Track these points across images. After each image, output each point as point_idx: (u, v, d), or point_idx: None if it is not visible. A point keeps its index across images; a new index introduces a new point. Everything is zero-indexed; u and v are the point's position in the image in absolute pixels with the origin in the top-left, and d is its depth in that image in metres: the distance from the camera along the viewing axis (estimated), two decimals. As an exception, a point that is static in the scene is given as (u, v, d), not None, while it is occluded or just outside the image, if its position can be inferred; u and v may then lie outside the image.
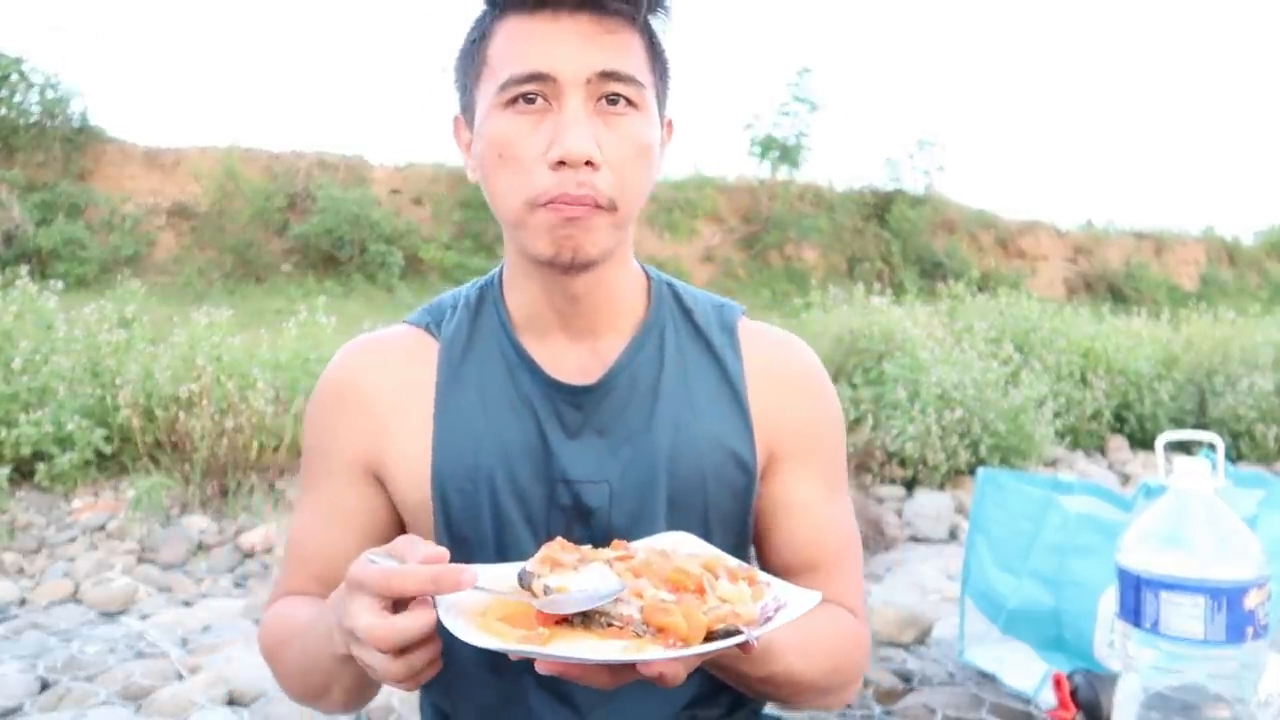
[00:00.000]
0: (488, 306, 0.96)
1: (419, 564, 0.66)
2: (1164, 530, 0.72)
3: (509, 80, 0.82)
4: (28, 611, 3.50)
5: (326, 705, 0.87)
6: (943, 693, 2.82)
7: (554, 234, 0.83)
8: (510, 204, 0.84)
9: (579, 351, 0.93)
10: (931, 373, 5.78)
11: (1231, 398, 7.27)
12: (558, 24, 0.82)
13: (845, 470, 1.01)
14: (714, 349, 0.96)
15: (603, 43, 0.83)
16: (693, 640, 0.64)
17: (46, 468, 4.59)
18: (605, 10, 0.83)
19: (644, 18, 0.86)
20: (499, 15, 0.86)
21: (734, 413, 0.94)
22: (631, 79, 0.83)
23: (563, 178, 0.81)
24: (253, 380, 4.99)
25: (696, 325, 0.97)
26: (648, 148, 0.85)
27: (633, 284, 0.95)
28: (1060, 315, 8.27)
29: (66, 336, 5.25)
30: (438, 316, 0.97)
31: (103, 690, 2.75)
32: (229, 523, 4.49)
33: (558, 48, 0.82)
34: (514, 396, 0.91)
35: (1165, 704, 0.70)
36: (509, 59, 0.83)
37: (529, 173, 0.82)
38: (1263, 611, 0.69)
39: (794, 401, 0.96)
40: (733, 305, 1.01)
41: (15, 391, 4.70)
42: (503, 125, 0.83)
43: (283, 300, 8.93)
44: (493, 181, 0.85)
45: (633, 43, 0.85)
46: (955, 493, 5.43)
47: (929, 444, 5.43)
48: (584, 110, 0.82)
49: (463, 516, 0.89)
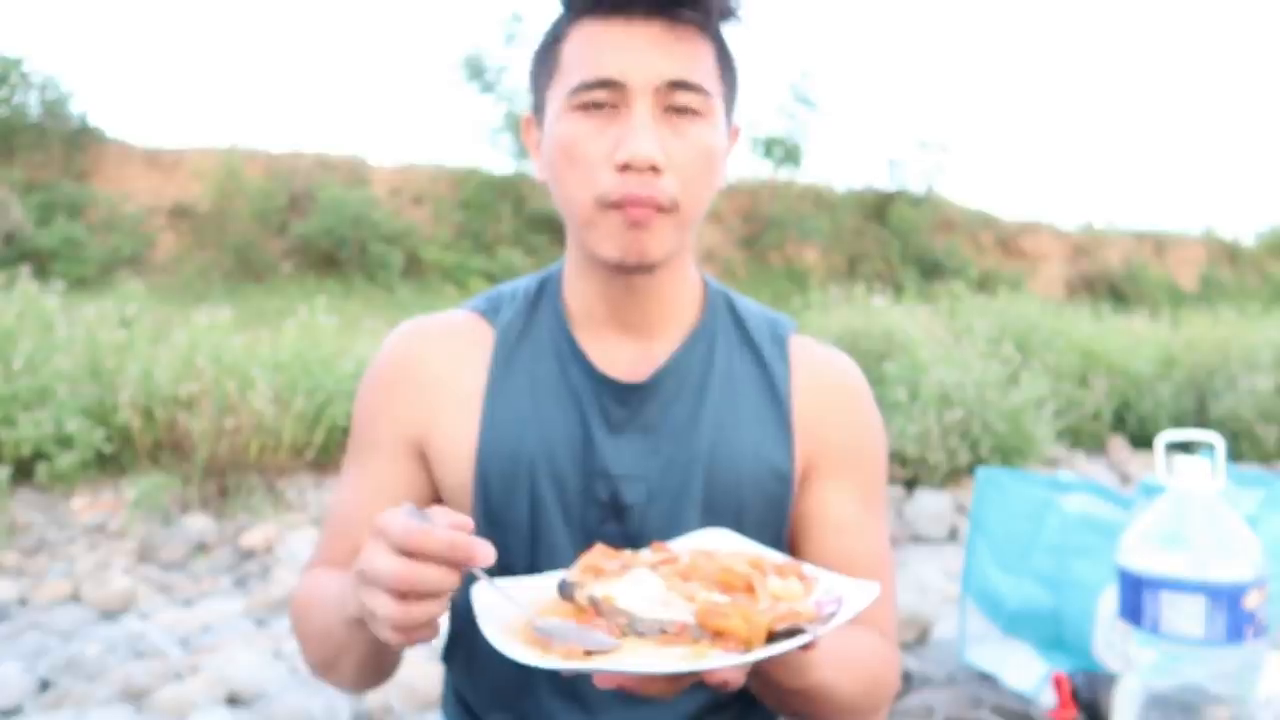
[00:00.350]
0: (546, 299, 0.98)
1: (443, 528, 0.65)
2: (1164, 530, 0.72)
3: (580, 85, 0.84)
4: (28, 611, 3.50)
5: (336, 677, 0.88)
6: (943, 693, 2.81)
7: (622, 238, 0.85)
8: (578, 203, 0.86)
9: (631, 350, 0.95)
10: (931, 373, 5.78)
11: (1231, 398, 7.27)
12: (630, 30, 0.84)
13: (884, 492, 1.00)
14: (763, 359, 0.97)
15: (673, 50, 0.84)
16: (754, 643, 0.61)
17: (46, 468, 4.60)
18: (678, 17, 0.84)
19: (715, 25, 0.88)
20: (573, 18, 0.87)
21: (776, 422, 0.95)
22: (699, 88, 0.85)
23: (627, 179, 0.83)
24: (253, 380, 4.99)
25: (748, 334, 0.99)
26: (712, 154, 0.87)
27: (689, 289, 0.97)
28: (1060, 315, 8.27)
29: (67, 337, 5.25)
30: (495, 305, 0.99)
31: (103, 690, 2.75)
32: (229, 523, 4.49)
33: (629, 54, 0.83)
34: (562, 389, 0.93)
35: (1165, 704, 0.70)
36: (581, 63, 0.85)
37: (595, 173, 0.84)
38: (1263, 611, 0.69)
39: (837, 416, 0.97)
40: (786, 320, 1.02)
41: (16, 391, 4.70)
42: (571, 127, 0.85)
43: (283, 300, 8.93)
44: (560, 182, 0.87)
45: (703, 50, 0.86)
46: (955, 493, 5.43)
47: (929, 444, 5.43)
48: (651, 116, 0.84)
49: (501, 500, 0.90)
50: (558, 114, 0.86)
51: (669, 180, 0.84)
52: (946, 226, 13.82)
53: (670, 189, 0.84)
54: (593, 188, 0.84)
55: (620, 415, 0.92)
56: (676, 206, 0.85)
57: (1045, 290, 12.65)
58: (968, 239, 13.89)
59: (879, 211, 13.20)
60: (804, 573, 0.70)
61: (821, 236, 12.50)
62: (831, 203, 13.10)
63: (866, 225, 13.10)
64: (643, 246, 0.85)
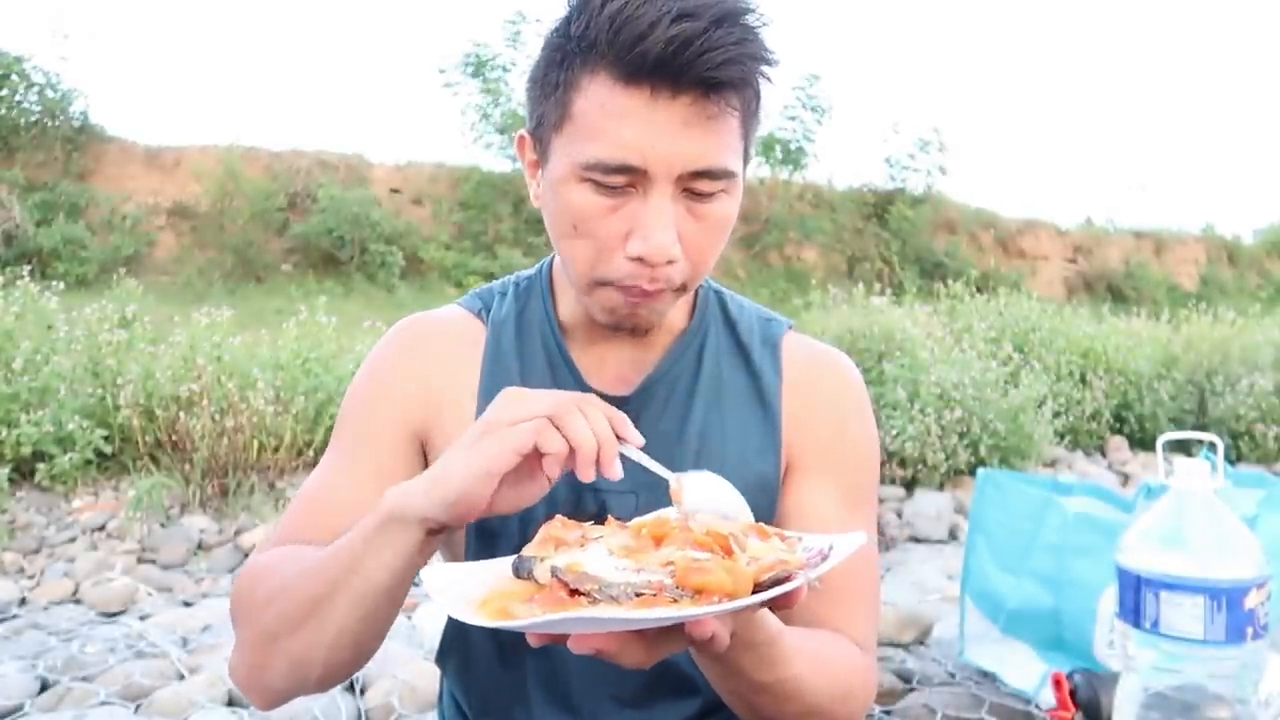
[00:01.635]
0: (535, 301, 0.97)
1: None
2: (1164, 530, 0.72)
3: (597, 164, 0.77)
4: (28, 611, 3.50)
5: (307, 635, 0.76)
6: (943, 693, 2.82)
7: (617, 310, 0.84)
8: (579, 274, 0.84)
9: (619, 359, 0.94)
10: (931, 373, 5.78)
11: (1231, 398, 7.27)
12: (654, 109, 0.76)
13: (873, 495, 0.97)
14: (752, 363, 0.96)
15: (700, 133, 0.77)
16: (740, 594, 0.57)
17: (46, 468, 4.60)
18: (709, 94, 0.76)
19: (747, 92, 0.80)
20: (588, 67, 0.78)
21: (763, 430, 0.94)
22: (724, 173, 0.79)
23: (638, 270, 0.80)
24: (253, 380, 4.99)
25: (738, 337, 0.97)
26: (728, 224, 0.84)
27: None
28: (1060, 315, 8.27)
29: (67, 336, 5.26)
30: (487, 302, 0.98)
31: (103, 690, 2.75)
32: (229, 523, 4.49)
33: (652, 138, 0.76)
34: None
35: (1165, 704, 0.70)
36: (598, 135, 0.77)
37: (604, 253, 0.80)
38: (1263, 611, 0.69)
39: (824, 414, 0.95)
40: (780, 320, 1.00)
41: (16, 391, 4.70)
42: (582, 199, 0.79)
43: (283, 300, 8.92)
44: (564, 246, 0.84)
45: (731, 126, 0.79)
46: (955, 493, 5.43)
47: (929, 444, 5.43)
48: (669, 203, 0.78)
49: None
50: (565, 175, 0.80)
51: (680, 267, 0.81)
52: (946, 226, 13.81)
53: (680, 275, 0.81)
54: (599, 267, 0.81)
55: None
56: (685, 287, 0.84)
57: (1045, 290, 12.65)
58: (968, 239, 13.88)
59: (879, 211, 13.19)
60: (786, 535, 0.68)
61: (822, 237, 12.50)
62: (831, 202, 13.09)
63: (866, 225, 13.09)
64: (637, 320, 0.85)
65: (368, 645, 0.79)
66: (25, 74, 10.30)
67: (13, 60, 10.18)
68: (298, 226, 10.44)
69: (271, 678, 0.79)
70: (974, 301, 8.33)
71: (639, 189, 0.78)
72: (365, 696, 2.72)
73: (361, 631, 0.76)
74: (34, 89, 10.38)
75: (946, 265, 12.63)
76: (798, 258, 12.57)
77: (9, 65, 10.15)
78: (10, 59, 10.17)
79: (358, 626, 0.75)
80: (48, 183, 9.95)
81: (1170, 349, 8.18)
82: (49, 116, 10.31)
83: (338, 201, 10.35)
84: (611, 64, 0.76)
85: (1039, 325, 7.68)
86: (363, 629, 0.76)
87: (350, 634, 0.76)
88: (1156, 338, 8.46)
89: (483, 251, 10.71)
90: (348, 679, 0.83)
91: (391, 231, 10.56)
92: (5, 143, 10.09)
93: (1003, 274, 12.87)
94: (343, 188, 10.75)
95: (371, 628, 0.77)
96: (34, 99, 10.38)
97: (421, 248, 10.66)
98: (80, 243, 9.24)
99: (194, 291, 9.27)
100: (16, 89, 10.31)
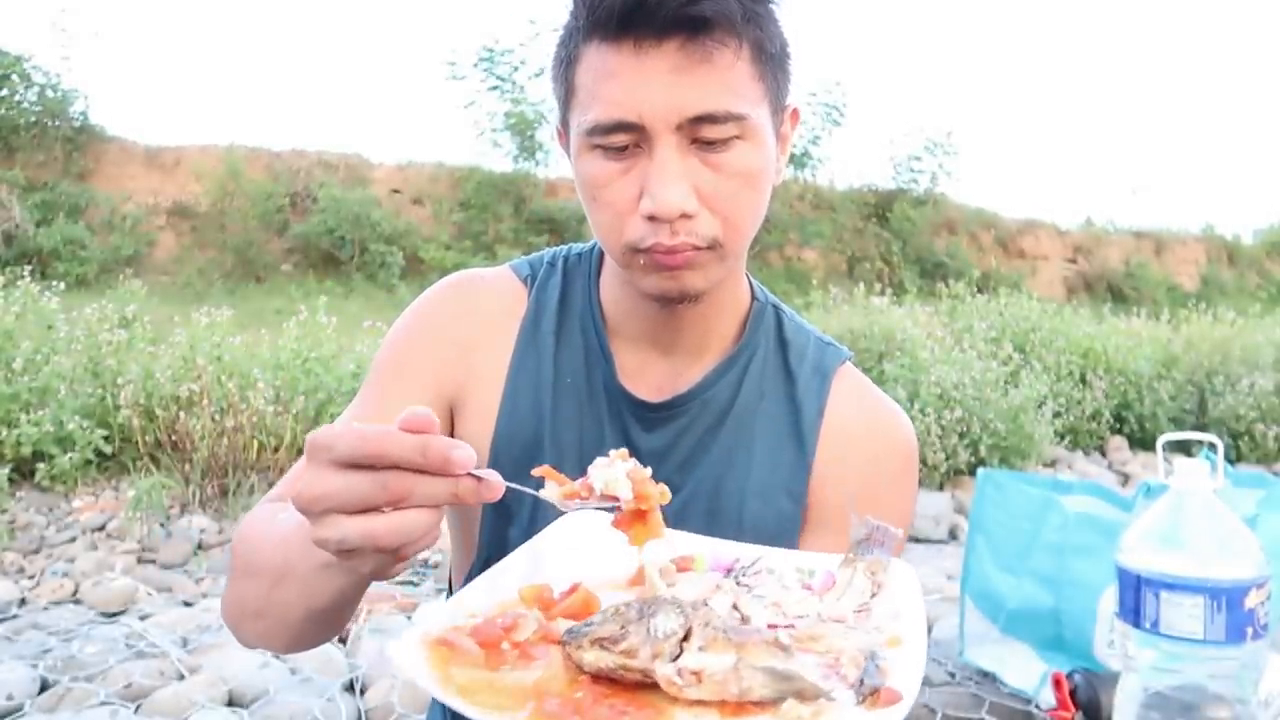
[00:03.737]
0: (580, 282, 0.93)
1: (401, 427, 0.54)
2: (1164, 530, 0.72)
3: (595, 127, 0.76)
4: (28, 611, 3.49)
5: (270, 609, 0.72)
6: (943, 693, 2.82)
7: (659, 277, 0.79)
8: (609, 245, 0.82)
9: (661, 367, 0.90)
10: (931, 373, 5.79)
11: (1231, 398, 7.28)
12: (642, 60, 0.74)
13: None
14: (796, 392, 0.90)
15: (695, 78, 0.74)
16: None
17: (46, 468, 4.60)
18: (695, 34, 0.73)
19: (744, 24, 0.75)
20: (585, 38, 0.78)
21: (794, 464, 0.89)
22: (728, 116, 0.75)
23: (657, 229, 0.77)
24: (253, 380, 4.99)
25: (788, 361, 0.92)
26: (756, 175, 0.79)
27: (734, 309, 0.91)
28: (1060, 315, 8.27)
29: (67, 336, 5.26)
30: (536, 269, 0.95)
31: (103, 690, 2.75)
32: (229, 523, 4.49)
33: (644, 90, 0.74)
34: (584, 393, 0.89)
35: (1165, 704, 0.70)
36: (594, 99, 0.76)
37: (622, 218, 0.78)
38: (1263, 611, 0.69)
39: (861, 471, 0.88)
40: (840, 349, 0.95)
41: (16, 391, 4.70)
42: (593, 168, 0.78)
43: (283, 300, 8.93)
44: (591, 220, 0.82)
45: (732, 64, 0.75)
46: (955, 493, 5.43)
47: (929, 444, 5.43)
48: (676, 156, 0.75)
49: (510, 489, 0.88)
50: (578, 148, 0.80)
51: (706, 222, 0.77)
52: (947, 226, 13.81)
53: (707, 230, 0.77)
54: (621, 234, 0.79)
55: (636, 433, 0.87)
56: (718, 244, 0.78)
57: (1045, 290, 12.65)
58: (968, 239, 13.88)
59: (879, 211, 13.19)
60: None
61: (823, 240, 12.49)
62: (832, 202, 13.09)
63: (867, 225, 13.09)
64: (683, 285, 0.79)
65: (332, 623, 0.74)
66: (25, 74, 10.30)
67: (13, 60, 10.18)
68: (298, 226, 10.45)
69: (245, 635, 0.78)
70: (974, 302, 8.34)
71: (644, 148, 0.76)
72: (365, 697, 2.72)
73: (320, 616, 0.71)
74: (34, 89, 10.39)
75: (947, 265, 12.63)
76: (798, 258, 12.57)
77: (9, 65, 10.15)
78: (10, 59, 10.17)
79: (311, 615, 0.70)
80: (48, 183, 9.96)
81: (1170, 349, 8.18)
82: (49, 116, 10.31)
83: (338, 201, 10.35)
84: (595, 27, 0.75)
85: (1039, 325, 7.69)
86: (319, 616, 0.71)
87: (305, 616, 0.70)
88: (1156, 338, 8.46)
89: (483, 252, 10.71)
90: (321, 644, 0.78)
91: (392, 231, 10.57)
92: (5, 143, 10.09)
93: (1003, 274, 12.87)
94: (343, 188, 10.76)
95: (329, 614, 0.71)
96: (34, 99, 10.38)
97: (422, 248, 10.66)
98: (80, 243, 9.25)
99: (194, 291, 9.27)
100: (16, 89, 10.31)
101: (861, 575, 0.69)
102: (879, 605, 0.66)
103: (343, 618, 0.74)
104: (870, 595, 0.67)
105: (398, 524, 0.54)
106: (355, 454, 0.53)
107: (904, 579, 0.67)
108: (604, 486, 0.63)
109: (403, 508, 0.53)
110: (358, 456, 0.53)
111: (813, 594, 0.69)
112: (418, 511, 0.54)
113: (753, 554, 0.75)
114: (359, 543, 0.53)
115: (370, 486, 0.53)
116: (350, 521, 0.53)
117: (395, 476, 0.53)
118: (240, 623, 0.78)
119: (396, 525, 0.53)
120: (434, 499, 0.54)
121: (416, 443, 0.53)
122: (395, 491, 0.53)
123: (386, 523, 0.53)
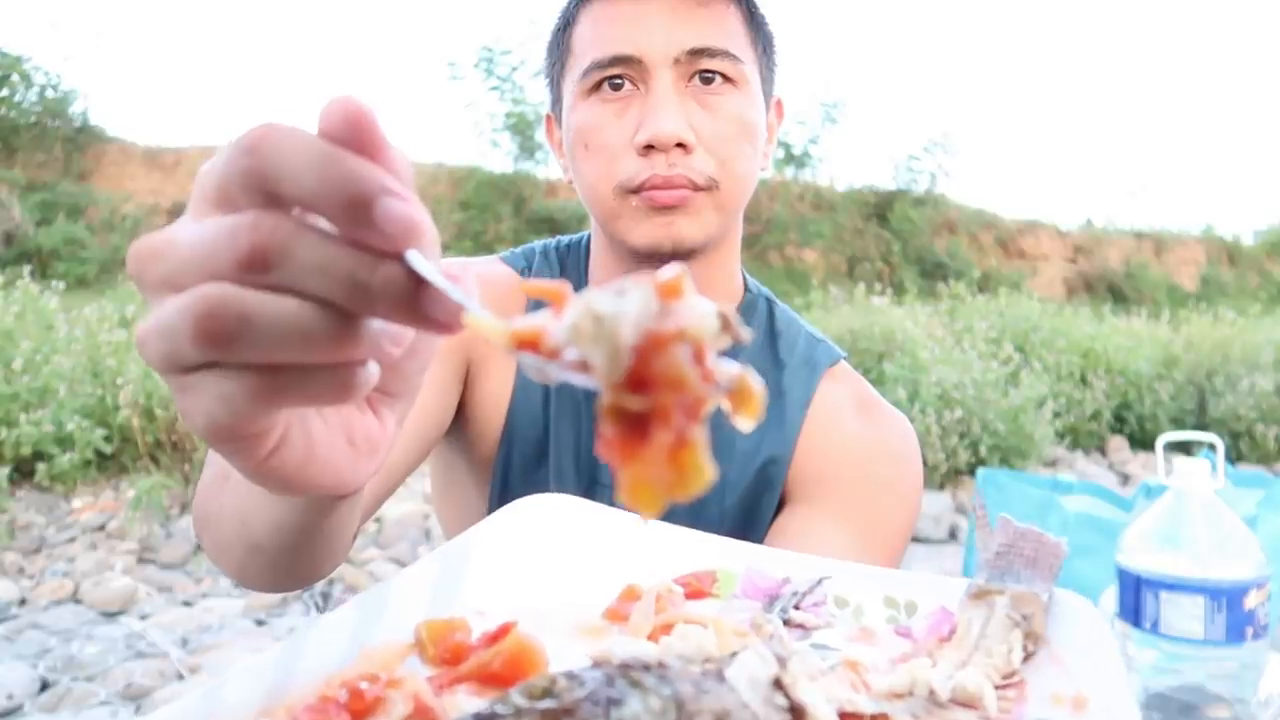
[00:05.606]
0: (572, 275, 0.92)
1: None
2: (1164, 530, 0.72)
3: (592, 65, 0.77)
4: (28, 611, 3.49)
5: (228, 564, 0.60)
6: (943, 693, 2.82)
7: (651, 225, 0.77)
8: (599, 192, 0.79)
9: None
10: (931, 373, 5.79)
11: (1231, 398, 7.27)
12: (641, 4, 0.76)
13: (896, 551, 0.84)
14: (783, 379, 0.88)
15: (694, 17, 0.76)
16: None
17: (46, 468, 4.59)
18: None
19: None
20: (581, 2, 0.80)
21: (776, 438, 0.87)
22: (726, 53, 0.77)
23: (653, 161, 0.75)
24: (253, 380, 4.99)
25: (777, 351, 0.91)
26: (750, 126, 0.79)
27: (727, 296, 0.89)
28: (1060, 315, 8.28)
29: (67, 336, 5.25)
30: (530, 260, 0.93)
31: (103, 690, 2.75)
32: (229, 523, 4.49)
33: (643, 26, 0.76)
34: (579, 388, 0.87)
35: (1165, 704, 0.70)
36: (593, 44, 0.78)
37: (615, 159, 0.77)
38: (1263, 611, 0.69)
39: (855, 474, 0.85)
40: (832, 347, 0.93)
41: (16, 391, 4.70)
42: (587, 113, 0.78)
43: (283, 300, 8.93)
44: (580, 172, 0.80)
45: (727, 14, 0.78)
46: (955, 493, 5.44)
47: (929, 444, 5.43)
48: (674, 90, 0.76)
49: (519, 476, 0.87)
50: (573, 102, 0.80)
51: (701, 158, 0.76)
52: (947, 227, 13.81)
53: (704, 167, 0.76)
54: (614, 175, 0.77)
55: None
56: (715, 184, 0.77)
57: (1045, 290, 12.65)
58: (968, 239, 13.88)
59: (880, 211, 13.19)
60: None
61: (823, 240, 12.50)
62: (832, 203, 13.09)
63: (867, 225, 13.10)
64: (677, 231, 0.77)
65: (295, 563, 0.56)
66: (25, 74, 10.30)
67: (13, 60, 10.19)
68: (298, 226, 10.46)
69: (228, 574, 0.64)
70: (974, 302, 8.34)
71: (640, 88, 0.77)
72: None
73: (265, 551, 0.54)
74: (34, 89, 10.39)
75: (947, 266, 12.63)
76: (798, 258, 12.57)
77: (9, 65, 10.15)
78: (11, 59, 10.17)
79: (253, 549, 0.55)
80: (48, 183, 9.95)
81: (1170, 349, 8.18)
82: (49, 116, 10.32)
83: (338, 202, 10.36)
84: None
85: (1039, 325, 7.69)
86: (266, 551, 0.54)
87: (248, 551, 0.56)
88: (1156, 338, 8.46)
89: (483, 252, 10.70)
90: (307, 579, 0.60)
91: (391, 231, 10.57)
92: (5, 143, 10.09)
93: (1003, 274, 12.87)
94: (343, 188, 10.77)
95: (276, 551, 0.54)
96: (34, 99, 10.38)
97: (421, 248, 10.67)
98: (80, 243, 9.24)
99: (194, 291, 9.28)
100: (16, 89, 10.31)
101: (1002, 618, 0.42)
102: (1037, 674, 0.39)
103: (309, 554, 0.55)
104: (1022, 655, 0.41)
105: (237, 305, 0.29)
106: (228, 180, 0.31)
107: (1085, 628, 0.39)
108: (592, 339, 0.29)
109: (266, 284, 0.29)
110: (231, 181, 0.31)
111: (914, 644, 0.44)
112: (288, 300, 0.29)
113: (812, 571, 0.49)
114: (174, 322, 0.30)
115: (217, 233, 0.30)
116: (175, 298, 0.30)
117: (261, 219, 0.29)
118: (219, 570, 0.67)
119: (235, 306, 0.29)
120: (323, 276, 0.29)
121: (316, 153, 0.29)
122: (251, 245, 0.29)
123: (220, 295, 0.29)
